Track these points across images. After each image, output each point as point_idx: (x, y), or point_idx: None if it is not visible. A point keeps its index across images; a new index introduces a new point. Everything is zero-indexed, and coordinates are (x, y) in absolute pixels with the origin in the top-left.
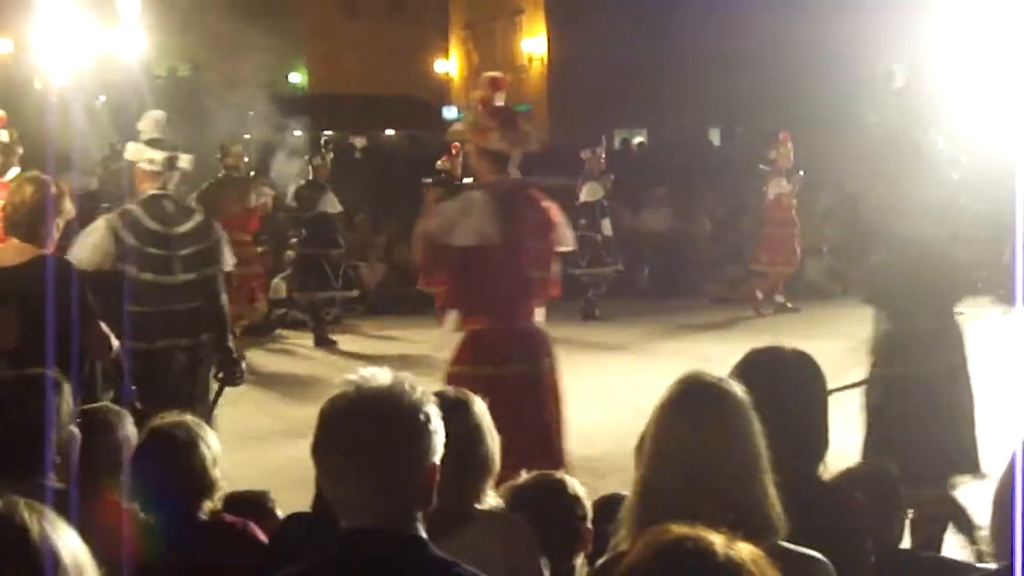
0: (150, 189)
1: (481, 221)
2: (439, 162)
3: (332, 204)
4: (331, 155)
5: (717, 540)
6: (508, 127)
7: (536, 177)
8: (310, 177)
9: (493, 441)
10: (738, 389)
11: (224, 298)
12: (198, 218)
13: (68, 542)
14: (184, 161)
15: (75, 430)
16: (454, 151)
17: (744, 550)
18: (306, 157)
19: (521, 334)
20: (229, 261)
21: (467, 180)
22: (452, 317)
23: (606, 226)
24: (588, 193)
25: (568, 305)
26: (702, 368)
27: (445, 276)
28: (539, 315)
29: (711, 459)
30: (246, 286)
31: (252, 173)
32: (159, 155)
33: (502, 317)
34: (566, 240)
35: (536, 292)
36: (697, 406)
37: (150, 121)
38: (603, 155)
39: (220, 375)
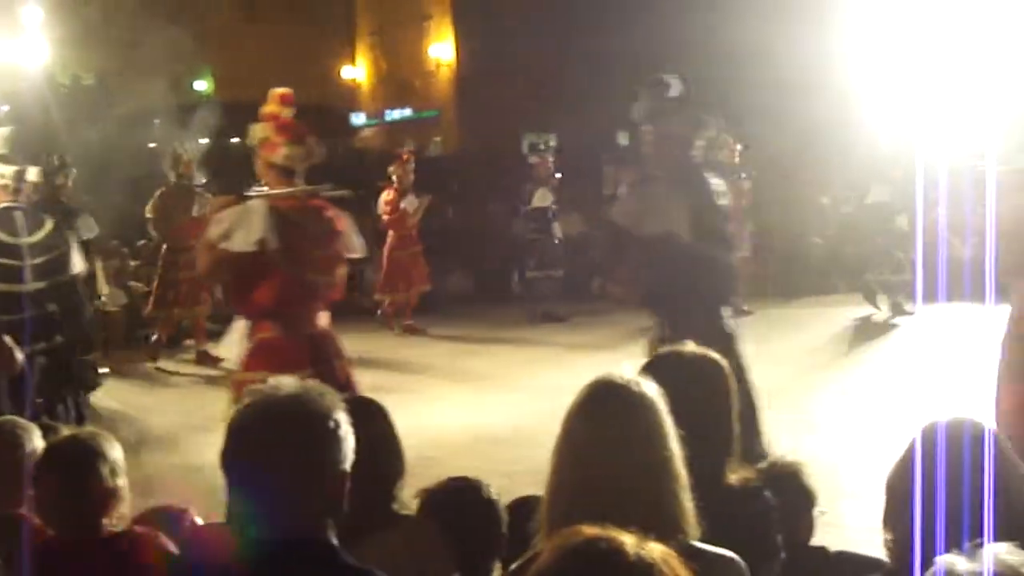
0: (2, 202)
1: (258, 228)
2: (389, 169)
3: None
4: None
5: (628, 540)
6: (296, 142)
7: (324, 187)
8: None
9: (400, 447)
10: (650, 390)
11: (82, 303)
12: (48, 227)
13: None
14: (32, 174)
15: None
16: (404, 158)
17: (655, 550)
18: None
19: (309, 339)
20: (79, 266)
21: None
22: (240, 324)
23: (557, 230)
24: (539, 199)
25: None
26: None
27: (230, 284)
28: (324, 319)
29: (619, 460)
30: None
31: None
32: (9, 170)
33: (288, 324)
34: (353, 248)
35: (320, 297)
36: (605, 408)
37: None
38: (551, 158)
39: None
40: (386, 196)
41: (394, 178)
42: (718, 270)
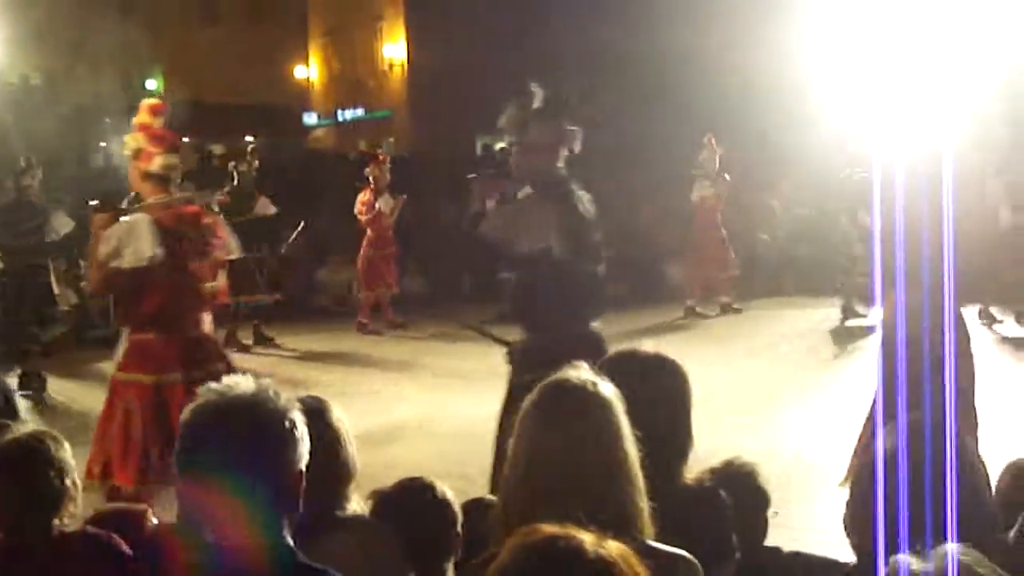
0: None
1: (146, 243)
2: (367, 170)
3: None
4: (256, 162)
5: (587, 539)
6: (170, 151)
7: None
8: (235, 183)
9: (351, 447)
10: (606, 390)
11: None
12: None
13: None
14: None
15: None
16: (380, 158)
17: (614, 548)
18: (232, 164)
19: (186, 342)
20: None
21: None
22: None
23: None
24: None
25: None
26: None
27: (118, 298)
28: (207, 322)
29: (574, 460)
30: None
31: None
32: None
33: (165, 327)
34: (231, 250)
35: (204, 302)
36: (556, 409)
37: None
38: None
39: None
40: (362, 197)
41: (371, 178)
42: (590, 283)
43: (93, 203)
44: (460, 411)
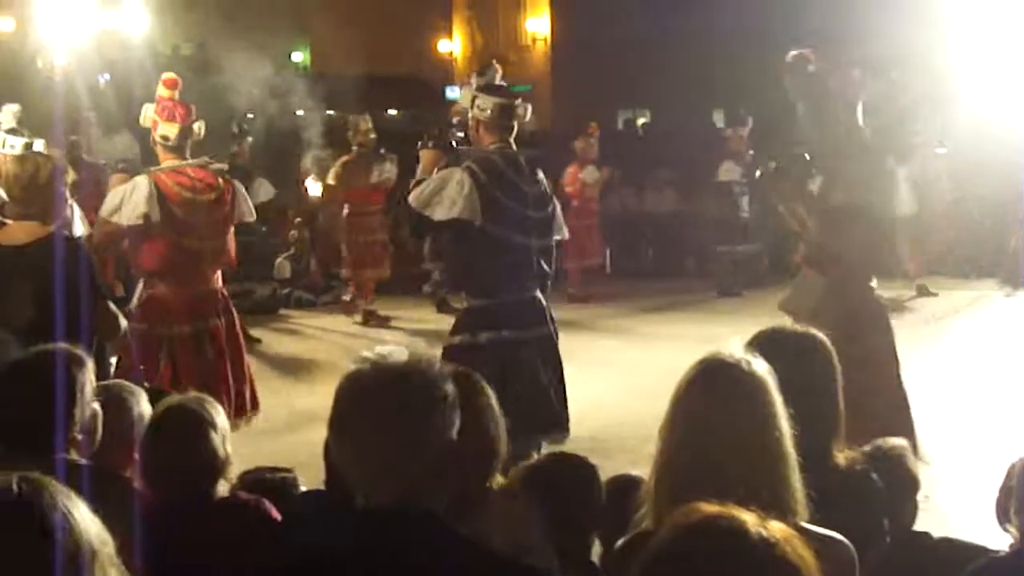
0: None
1: (141, 203)
2: (575, 143)
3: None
4: (249, 139)
5: (749, 519)
6: (170, 120)
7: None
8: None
9: (500, 422)
10: (760, 368)
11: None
12: None
13: (83, 517)
14: (40, 146)
15: (97, 407)
16: (589, 131)
17: (776, 529)
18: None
19: (193, 296)
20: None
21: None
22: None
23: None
24: (724, 172)
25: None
26: (715, 348)
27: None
28: (217, 279)
29: (730, 440)
30: (371, 251)
31: (382, 150)
32: (19, 141)
33: (173, 282)
34: (244, 214)
35: (207, 260)
36: (716, 385)
37: (8, 113)
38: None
39: None
40: (570, 168)
41: (576, 150)
42: (516, 253)
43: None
44: (586, 388)
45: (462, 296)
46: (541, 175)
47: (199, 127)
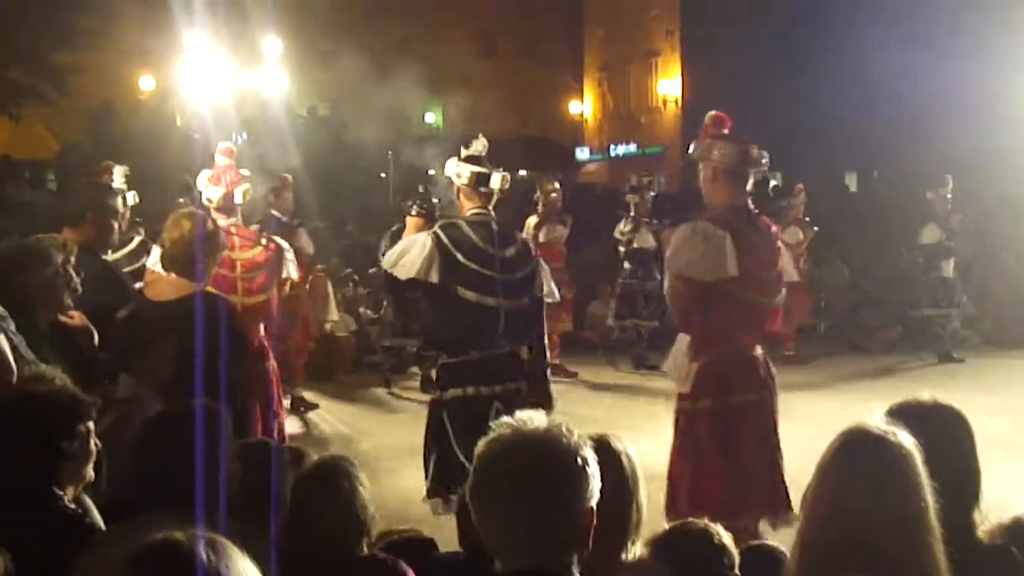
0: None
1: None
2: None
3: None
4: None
5: None
6: (217, 184)
7: None
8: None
9: (638, 490)
10: (905, 440)
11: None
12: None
13: (243, 571)
14: (133, 199)
15: (235, 466)
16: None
17: None
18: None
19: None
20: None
21: None
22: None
23: (655, 274)
24: (639, 240)
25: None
26: (860, 419)
27: None
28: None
29: (876, 511)
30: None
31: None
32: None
33: None
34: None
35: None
36: (860, 458)
37: (118, 173)
38: (650, 201)
39: None
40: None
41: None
42: (476, 311)
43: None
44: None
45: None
46: (520, 238)
47: (245, 191)
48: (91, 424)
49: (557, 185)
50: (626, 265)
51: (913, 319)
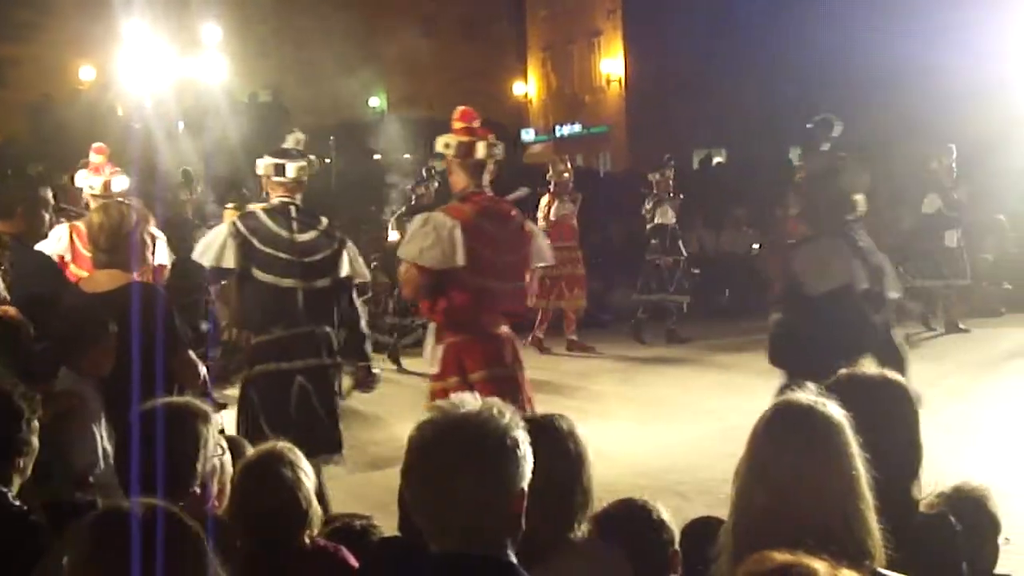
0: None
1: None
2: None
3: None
4: (436, 183)
5: (820, 568)
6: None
7: None
8: (412, 203)
9: (588, 469)
10: (836, 411)
11: None
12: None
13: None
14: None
15: (218, 462)
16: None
17: None
18: (409, 185)
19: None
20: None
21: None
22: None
23: (680, 249)
24: (660, 216)
25: (654, 327)
26: (790, 392)
27: None
28: None
29: (804, 483)
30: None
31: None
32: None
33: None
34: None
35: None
36: (790, 429)
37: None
38: (672, 177)
39: None
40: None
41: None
42: (275, 293)
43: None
44: (670, 430)
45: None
46: (323, 223)
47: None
48: (33, 421)
49: (568, 164)
50: (652, 241)
51: (916, 289)
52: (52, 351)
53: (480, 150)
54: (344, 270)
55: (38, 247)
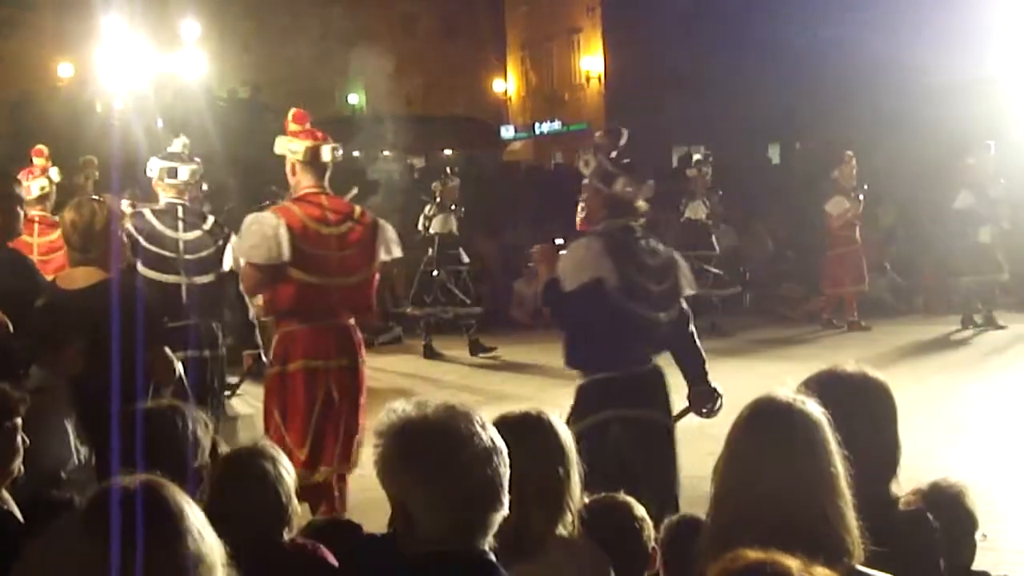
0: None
1: None
2: (433, 184)
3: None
4: (457, 179)
5: (793, 565)
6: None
7: None
8: (437, 199)
9: (569, 466)
10: (814, 409)
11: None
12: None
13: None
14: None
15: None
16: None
17: (821, 574)
18: (436, 182)
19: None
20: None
21: None
22: None
23: (713, 244)
24: (691, 211)
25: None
26: (772, 389)
27: None
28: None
29: (784, 481)
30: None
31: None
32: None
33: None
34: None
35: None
36: (769, 427)
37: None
38: (709, 173)
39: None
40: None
41: (838, 177)
42: (154, 287)
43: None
44: None
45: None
46: (210, 222)
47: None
48: (18, 420)
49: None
50: (685, 237)
51: (957, 287)
52: (25, 348)
53: (325, 153)
54: (228, 265)
55: None
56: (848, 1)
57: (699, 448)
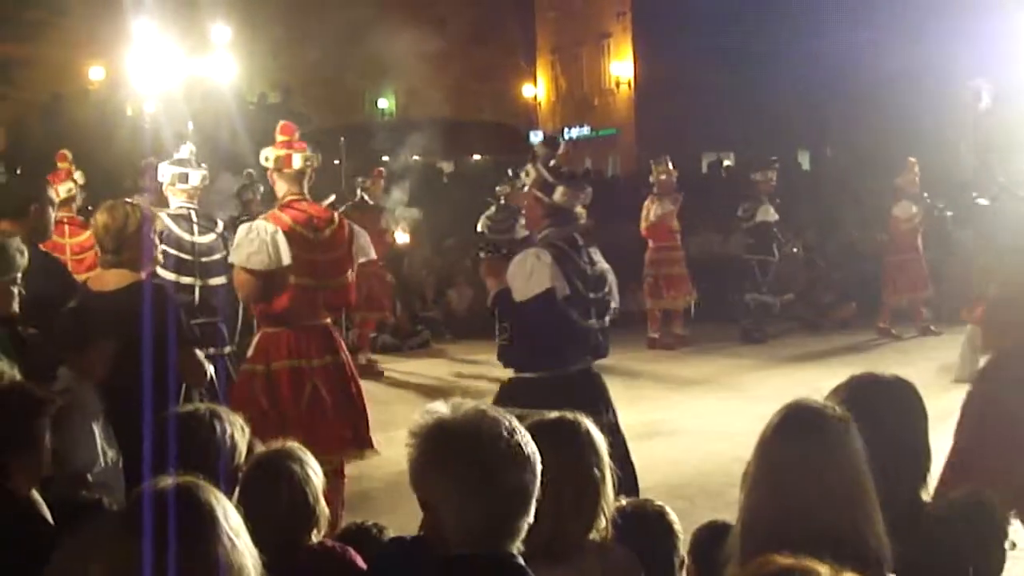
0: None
1: None
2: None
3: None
4: (520, 184)
5: (823, 571)
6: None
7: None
8: (502, 202)
9: (604, 470)
10: (844, 415)
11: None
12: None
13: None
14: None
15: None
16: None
17: None
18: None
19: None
20: None
21: None
22: None
23: (773, 251)
24: (763, 214)
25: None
26: (803, 395)
27: None
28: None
29: (813, 487)
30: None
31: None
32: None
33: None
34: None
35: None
36: (799, 434)
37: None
38: (774, 178)
39: None
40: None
41: (901, 184)
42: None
43: None
44: (678, 436)
45: None
46: (220, 227)
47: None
48: (46, 420)
49: (670, 166)
50: (749, 241)
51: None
52: (52, 349)
53: (297, 161)
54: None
55: None
56: (879, 6)
57: (729, 454)
